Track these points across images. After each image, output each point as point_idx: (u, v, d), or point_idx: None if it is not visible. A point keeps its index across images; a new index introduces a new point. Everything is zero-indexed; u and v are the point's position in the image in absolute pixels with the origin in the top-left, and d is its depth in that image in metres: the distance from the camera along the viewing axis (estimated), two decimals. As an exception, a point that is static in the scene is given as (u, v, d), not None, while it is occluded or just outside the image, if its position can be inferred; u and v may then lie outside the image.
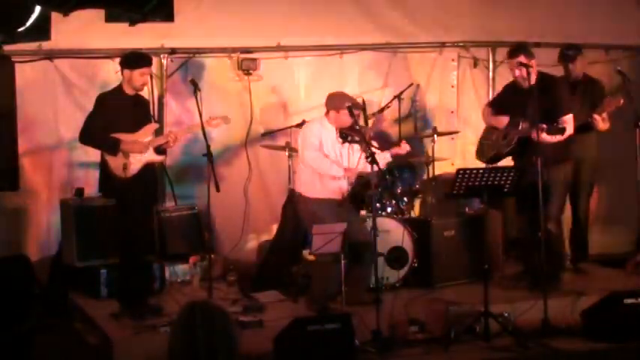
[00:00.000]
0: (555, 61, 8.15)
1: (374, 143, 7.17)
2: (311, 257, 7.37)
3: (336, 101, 7.22)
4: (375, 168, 6.61)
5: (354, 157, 7.16)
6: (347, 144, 7.09)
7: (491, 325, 6.65)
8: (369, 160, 6.73)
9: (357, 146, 7.14)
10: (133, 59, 7.14)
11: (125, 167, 6.98)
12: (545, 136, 6.99)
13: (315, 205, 7.18)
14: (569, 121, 7.30)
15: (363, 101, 8.19)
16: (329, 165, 7.13)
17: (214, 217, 7.88)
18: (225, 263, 8.38)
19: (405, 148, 7.31)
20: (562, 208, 7.67)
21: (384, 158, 7.21)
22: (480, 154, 7.90)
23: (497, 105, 7.83)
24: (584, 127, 7.84)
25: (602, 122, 7.81)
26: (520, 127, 7.40)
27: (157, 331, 6.51)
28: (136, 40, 7.72)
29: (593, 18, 9.14)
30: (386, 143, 7.71)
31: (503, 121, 7.59)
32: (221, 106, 8.29)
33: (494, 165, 7.95)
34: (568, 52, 8.05)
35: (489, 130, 7.79)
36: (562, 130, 7.03)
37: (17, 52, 7.56)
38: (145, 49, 7.76)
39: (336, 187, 7.21)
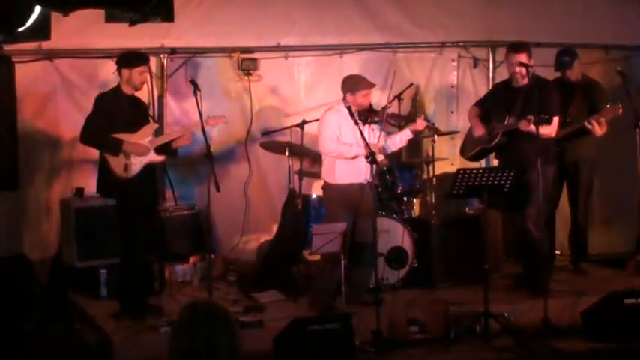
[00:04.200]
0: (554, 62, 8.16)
1: (392, 122, 7.29)
2: (311, 257, 7.38)
3: (351, 83, 7.23)
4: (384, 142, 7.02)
5: (374, 139, 7.17)
6: (366, 126, 7.10)
7: (491, 325, 6.66)
8: (369, 160, 6.75)
9: (376, 126, 7.21)
10: (131, 58, 7.13)
11: (126, 168, 6.96)
12: (532, 128, 7.00)
13: (333, 194, 7.21)
14: (554, 122, 7.32)
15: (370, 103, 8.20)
16: (349, 149, 7.12)
17: (214, 217, 7.88)
18: (225, 263, 8.38)
19: (422, 124, 7.33)
20: (545, 211, 7.62)
21: (405, 135, 7.30)
22: (464, 150, 7.93)
23: (485, 103, 7.86)
24: (581, 130, 7.84)
25: (598, 128, 7.78)
26: (506, 121, 7.43)
27: (157, 331, 6.51)
28: (136, 40, 7.71)
29: (593, 18, 9.13)
30: (404, 122, 7.73)
31: (480, 130, 7.63)
32: (221, 106, 8.28)
33: (477, 161, 8.02)
34: (564, 59, 8.03)
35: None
36: (549, 121, 7.05)
37: (17, 52, 7.56)
38: (145, 49, 7.75)
39: (357, 169, 7.17)
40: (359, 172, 7.15)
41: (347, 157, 7.12)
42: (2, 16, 5.48)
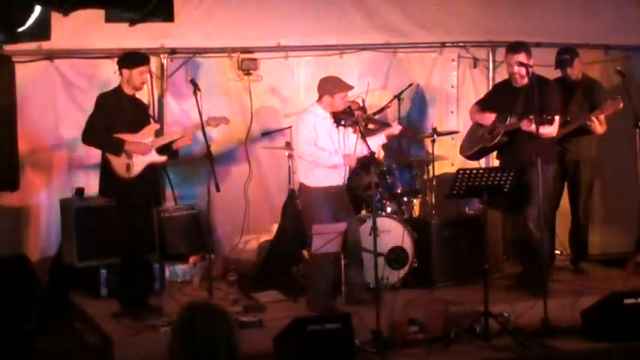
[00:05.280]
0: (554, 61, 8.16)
1: (369, 126, 7.24)
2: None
3: (330, 85, 7.20)
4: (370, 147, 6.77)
5: (349, 141, 7.17)
6: (342, 128, 7.10)
7: (491, 325, 6.65)
8: (370, 158, 6.75)
9: (351, 129, 7.18)
10: (131, 58, 7.14)
11: (128, 168, 6.96)
12: (534, 128, 7.00)
13: (313, 196, 7.17)
14: (555, 122, 7.31)
15: (363, 101, 8.21)
16: (327, 157, 7.12)
17: (214, 217, 7.88)
18: (225, 263, 8.39)
19: (397, 128, 7.33)
20: (545, 211, 7.60)
21: (380, 140, 7.26)
22: (463, 149, 7.92)
23: (485, 103, 7.85)
24: (582, 129, 7.84)
25: (598, 125, 7.80)
26: (508, 121, 7.42)
27: (157, 331, 6.51)
28: (136, 40, 7.72)
29: (593, 18, 9.14)
30: (379, 125, 7.71)
31: (490, 118, 7.60)
32: (221, 106, 8.29)
33: (477, 160, 8.01)
34: (564, 57, 8.04)
35: (475, 127, 7.82)
36: (550, 121, 7.05)
37: (17, 52, 7.57)
38: (145, 49, 7.76)
39: (335, 173, 7.18)
40: (336, 174, 7.16)
41: (322, 163, 7.11)
42: (2, 16, 5.47)
